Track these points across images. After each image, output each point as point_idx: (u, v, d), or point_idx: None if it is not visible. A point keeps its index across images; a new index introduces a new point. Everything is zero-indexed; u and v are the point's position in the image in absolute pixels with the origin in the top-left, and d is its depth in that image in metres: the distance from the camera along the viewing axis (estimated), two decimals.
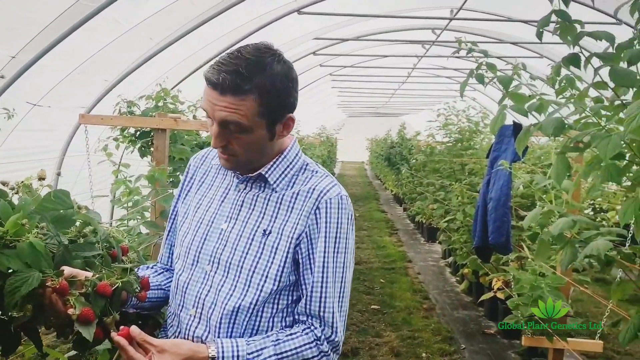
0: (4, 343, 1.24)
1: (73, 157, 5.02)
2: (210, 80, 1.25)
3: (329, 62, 10.65)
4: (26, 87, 3.93)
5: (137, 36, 4.69)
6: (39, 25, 3.65)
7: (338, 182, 1.44)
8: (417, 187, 9.24)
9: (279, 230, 1.36)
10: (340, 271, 1.37)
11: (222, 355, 1.27)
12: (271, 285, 1.35)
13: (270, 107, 1.28)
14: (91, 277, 1.24)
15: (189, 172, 1.58)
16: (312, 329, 1.36)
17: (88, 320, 1.17)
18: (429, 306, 5.65)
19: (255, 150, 1.35)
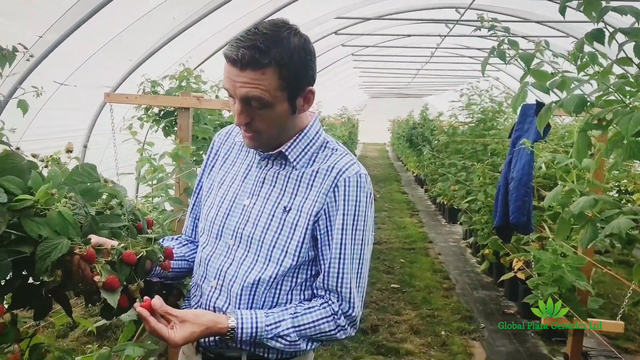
0: (36, 307, 1.29)
1: (99, 135, 5.11)
2: (230, 57, 1.27)
3: (350, 41, 10.58)
4: (53, 66, 4.00)
5: (161, 16, 4.73)
6: (65, 5, 3.70)
7: (357, 161, 1.46)
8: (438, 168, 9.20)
9: (298, 207, 1.39)
10: (358, 248, 1.40)
11: (241, 326, 1.32)
12: (290, 260, 1.38)
13: (290, 80, 1.29)
14: (117, 246, 1.29)
15: (214, 148, 1.61)
16: (329, 303, 1.39)
17: (113, 287, 1.22)
18: (449, 286, 5.67)
19: (278, 126, 1.36)
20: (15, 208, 1.16)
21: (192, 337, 1.29)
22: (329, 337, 1.40)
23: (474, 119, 6.95)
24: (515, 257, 4.70)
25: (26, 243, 1.16)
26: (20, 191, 1.20)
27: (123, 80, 5.13)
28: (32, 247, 1.16)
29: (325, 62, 11.62)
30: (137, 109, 4.56)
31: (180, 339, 1.26)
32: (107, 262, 1.25)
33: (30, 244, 1.16)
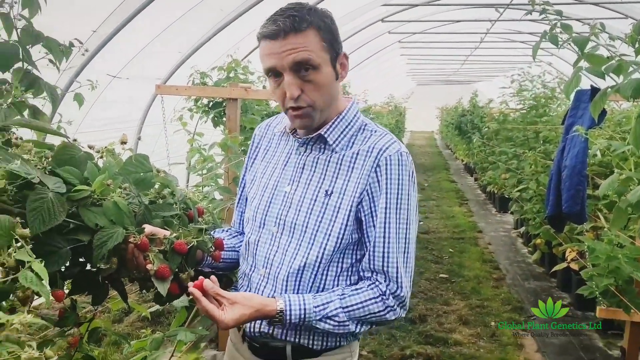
0: (94, 293, 1.35)
1: (150, 126, 5.24)
2: (269, 32, 1.30)
3: (397, 29, 10.44)
4: (106, 59, 4.12)
5: (209, 8, 4.79)
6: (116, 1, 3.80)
7: (398, 140, 1.45)
8: (488, 156, 9.01)
9: (340, 190, 1.40)
10: (403, 227, 1.39)
11: (290, 308, 1.33)
12: (334, 243, 1.38)
13: (329, 41, 1.34)
14: (169, 236, 1.33)
15: (254, 141, 1.64)
16: (377, 284, 1.38)
17: (164, 276, 1.25)
18: (499, 276, 5.57)
19: (327, 94, 1.37)
20: (74, 198, 1.21)
21: (242, 319, 1.30)
22: (378, 318, 1.39)
23: (525, 106, 6.77)
24: (569, 247, 4.57)
25: (84, 232, 1.21)
26: (78, 181, 1.25)
27: (173, 72, 5.24)
28: (89, 235, 1.20)
29: (372, 50, 11.53)
30: (187, 100, 4.65)
31: (231, 320, 1.28)
32: (160, 251, 1.29)
33: (87, 232, 1.21)
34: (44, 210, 1.10)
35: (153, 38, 4.55)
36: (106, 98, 4.50)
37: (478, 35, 11.06)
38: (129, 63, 4.51)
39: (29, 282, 0.86)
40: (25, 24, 1.83)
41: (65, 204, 1.15)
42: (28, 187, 1.14)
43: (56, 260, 1.14)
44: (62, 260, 1.15)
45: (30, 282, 0.86)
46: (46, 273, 0.89)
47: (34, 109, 1.83)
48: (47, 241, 1.14)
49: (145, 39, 4.50)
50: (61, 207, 1.13)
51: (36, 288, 0.85)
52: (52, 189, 1.14)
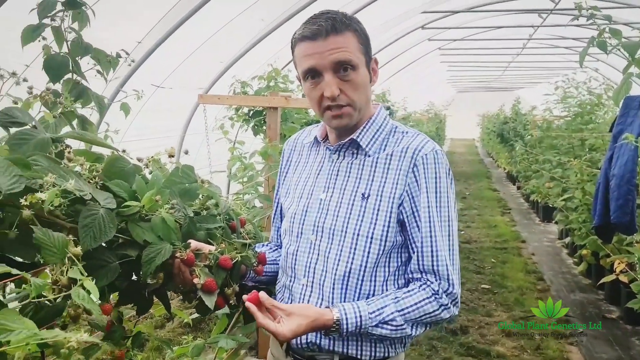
0: (139, 304, 1.37)
1: (193, 135, 5.33)
2: (309, 33, 1.33)
3: (437, 35, 10.35)
4: (151, 70, 4.21)
5: (250, 18, 4.85)
6: (160, 12, 3.88)
7: (431, 139, 1.45)
8: (532, 165, 8.82)
9: (377, 192, 1.40)
10: (446, 225, 1.39)
11: (346, 317, 1.31)
12: (377, 247, 1.38)
13: (364, 44, 1.38)
14: (214, 251, 1.34)
15: (284, 156, 1.66)
16: (428, 284, 1.37)
17: (211, 290, 1.27)
18: (544, 287, 5.43)
19: (364, 94, 1.40)
20: (123, 214, 1.23)
21: (300, 331, 1.29)
22: (434, 317, 1.37)
23: (570, 113, 6.61)
24: (617, 258, 4.42)
25: (132, 247, 1.23)
26: (127, 195, 1.28)
27: (215, 82, 5.32)
28: (137, 250, 1.22)
29: (412, 57, 11.46)
30: (228, 109, 4.72)
31: (289, 332, 1.27)
32: (205, 265, 1.31)
33: (136, 247, 1.23)
34: (95, 227, 1.12)
35: (195, 49, 4.63)
36: (150, 107, 4.59)
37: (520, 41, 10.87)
38: (172, 73, 4.60)
39: (81, 300, 0.87)
40: (74, 36, 1.89)
41: (114, 219, 1.17)
42: (80, 201, 1.16)
43: (105, 275, 1.16)
44: (111, 274, 1.18)
45: (82, 299, 0.88)
46: (97, 290, 0.90)
47: (83, 118, 1.87)
48: (97, 255, 1.17)
49: (187, 50, 4.58)
50: (111, 223, 1.15)
51: (88, 305, 0.87)
52: (103, 205, 1.17)
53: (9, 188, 1.03)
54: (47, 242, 0.98)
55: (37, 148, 1.27)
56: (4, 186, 1.02)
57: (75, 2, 1.87)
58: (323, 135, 1.54)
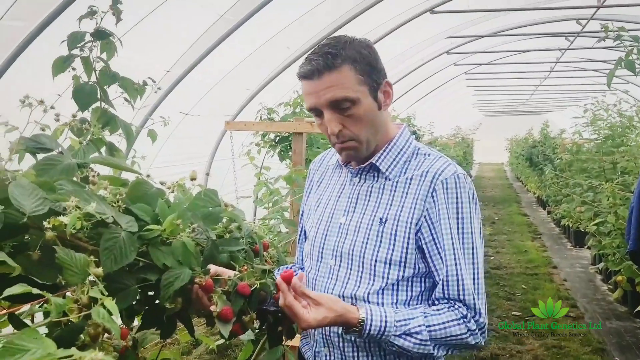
0: (162, 328, 1.37)
1: (220, 161, 5.39)
2: (305, 72, 1.31)
3: (463, 60, 10.36)
4: (179, 98, 4.29)
5: (275, 46, 4.93)
6: (189, 41, 3.97)
7: (454, 162, 1.41)
8: (562, 189, 8.65)
9: (395, 216, 1.36)
10: (469, 252, 1.34)
11: (371, 319, 1.28)
12: (397, 272, 1.35)
13: (366, 72, 1.32)
14: (233, 277, 1.34)
15: (309, 176, 1.65)
16: (456, 307, 1.33)
17: (227, 318, 1.26)
18: (577, 315, 5.27)
19: (369, 125, 1.36)
20: (145, 237, 1.24)
21: (324, 322, 1.27)
22: (459, 340, 1.32)
23: (600, 136, 6.49)
24: None
25: (152, 270, 1.23)
26: (149, 218, 1.29)
27: (242, 109, 5.39)
28: (157, 274, 1.23)
29: (437, 82, 11.47)
30: (255, 136, 4.78)
31: (314, 320, 1.26)
32: (224, 291, 1.30)
33: (155, 271, 1.23)
34: (116, 250, 1.13)
35: (222, 77, 4.71)
36: (178, 134, 4.68)
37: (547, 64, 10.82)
38: (199, 101, 4.68)
39: (101, 318, 0.88)
40: (102, 65, 1.94)
41: (135, 242, 1.17)
42: (103, 224, 1.18)
43: (124, 298, 1.16)
44: (130, 298, 1.18)
45: (102, 318, 0.88)
46: (117, 310, 0.91)
47: (111, 145, 1.91)
48: (117, 279, 1.17)
49: (214, 78, 4.67)
50: (132, 246, 1.16)
51: (108, 324, 0.87)
52: (124, 228, 1.18)
53: (34, 210, 1.05)
54: (69, 262, 0.99)
55: (64, 173, 1.29)
56: (28, 208, 1.04)
57: (103, 33, 1.92)
58: None
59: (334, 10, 5.18)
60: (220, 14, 3.88)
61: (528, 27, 8.27)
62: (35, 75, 2.95)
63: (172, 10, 3.49)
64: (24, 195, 1.07)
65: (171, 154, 4.67)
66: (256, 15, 4.06)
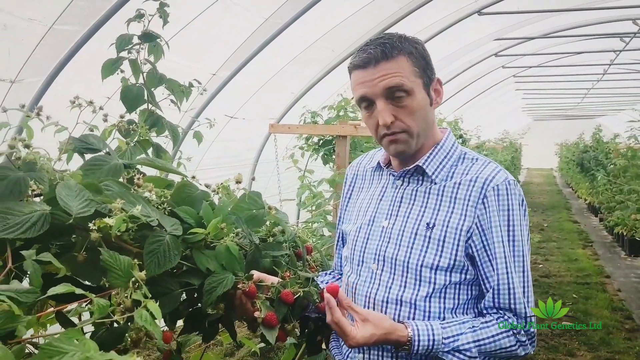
0: (204, 332, 1.36)
1: (265, 163, 5.41)
2: (360, 62, 1.30)
3: (511, 63, 10.11)
4: (224, 101, 4.33)
5: (320, 49, 4.92)
6: (234, 45, 4.00)
7: (503, 168, 1.37)
8: (615, 195, 8.34)
9: (444, 222, 1.32)
10: (520, 260, 1.31)
11: (418, 337, 1.25)
12: (444, 278, 1.31)
13: (421, 66, 1.31)
14: (276, 284, 1.31)
15: (347, 181, 1.62)
16: (506, 318, 1.30)
17: (271, 324, 1.24)
18: (632, 327, 5.05)
19: (422, 119, 1.33)
20: (189, 241, 1.24)
21: (371, 340, 1.25)
22: (509, 353, 1.30)
23: None
24: None
25: (195, 275, 1.23)
26: (193, 221, 1.28)
27: (286, 112, 5.40)
28: (200, 279, 1.22)
29: (485, 85, 11.24)
30: (298, 139, 4.78)
31: (362, 338, 1.24)
32: (267, 298, 1.28)
33: (199, 276, 1.22)
34: (160, 253, 1.12)
35: (267, 80, 4.72)
36: (224, 137, 4.71)
37: (601, 66, 10.46)
38: (245, 104, 4.71)
39: (144, 321, 0.87)
40: (150, 68, 1.96)
41: (179, 246, 1.17)
42: (148, 227, 1.18)
43: (167, 302, 1.16)
44: (173, 302, 1.17)
45: (145, 321, 0.87)
46: (160, 313, 0.89)
47: (158, 146, 1.92)
48: (160, 282, 1.17)
49: (260, 81, 4.68)
50: (176, 250, 1.15)
51: (150, 328, 0.86)
52: (169, 232, 1.17)
53: (80, 211, 1.05)
54: (113, 264, 0.99)
55: (110, 174, 1.30)
56: (74, 209, 1.04)
57: (151, 35, 1.94)
58: (386, 161, 1.48)
59: (379, 12, 5.12)
60: (266, 17, 3.88)
61: (581, 28, 7.99)
62: (86, 78, 3.02)
63: (218, 14, 3.52)
64: (70, 196, 1.07)
65: (217, 156, 4.72)
66: (301, 18, 4.06)
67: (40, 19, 2.54)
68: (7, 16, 2.42)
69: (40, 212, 1.01)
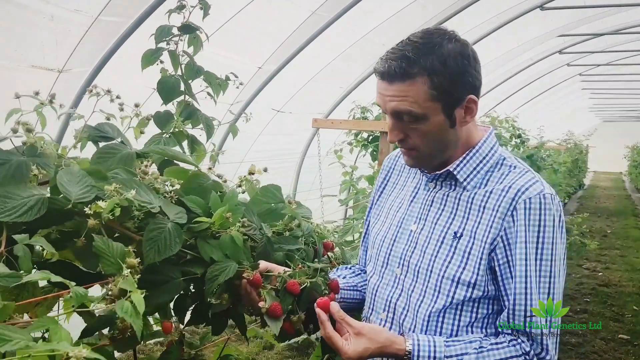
0: (213, 324, 1.34)
1: (312, 157, 5.39)
2: (378, 71, 1.21)
3: (578, 60, 9.67)
4: (271, 95, 4.33)
5: (369, 43, 4.84)
6: (279, 38, 3.99)
7: (541, 179, 1.25)
8: None
9: (471, 233, 1.23)
10: (545, 282, 1.19)
11: (418, 352, 1.18)
12: (463, 292, 1.22)
13: (444, 88, 1.17)
14: (283, 274, 1.28)
15: (383, 173, 1.53)
16: (519, 342, 1.20)
17: (276, 314, 1.20)
18: None
19: (436, 141, 1.23)
20: (194, 230, 1.22)
21: (366, 354, 1.19)
22: None
23: None
24: None
25: (199, 264, 1.21)
26: (201, 211, 1.26)
27: (335, 107, 5.36)
28: (203, 268, 1.20)
29: (548, 84, 10.82)
30: (347, 134, 4.73)
31: (354, 353, 1.18)
32: (273, 288, 1.25)
33: (202, 265, 1.20)
34: (160, 241, 1.11)
35: (314, 74, 4.69)
36: (271, 131, 4.73)
37: None
38: (291, 98, 4.70)
39: (123, 312, 0.85)
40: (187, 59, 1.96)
41: (181, 234, 1.15)
42: (154, 216, 1.16)
43: (168, 291, 1.15)
44: (174, 291, 1.16)
45: (125, 312, 0.85)
46: (143, 305, 0.87)
47: (192, 138, 1.92)
48: (162, 270, 1.15)
49: (307, 75, 4.66)
50: (177, 238, 1.13)
51: (130, 319, 0.84)
52: (172, 219, 1.16)
53: (79, 197, 1.05)
54: (105, 251, 0.98)
55: (122, 162, 1.30)
56: (73, 195, 1.04)
57: (190, 27, 1.94)
58: None
59: (433, 5, 5.00)
60: (313, 10, 3.85)
61: None
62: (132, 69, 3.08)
63: (263, 7, 3.51)
64: (72, 182, 1.07)
65: (263, 150, 4.74)
66: (350, 11, 4.00)
67: (85, 10, 2.61)
68: (54, 7, 2.49)
69: (38, 196, 1.01)
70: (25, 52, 2.57)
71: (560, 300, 1.22)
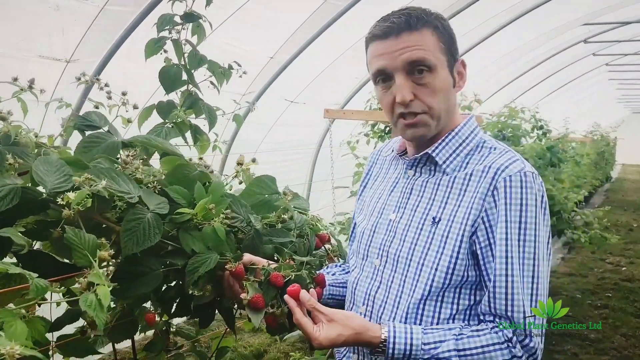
0: (199, 317, 1.32)
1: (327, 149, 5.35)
2: (380, 32, 1.18)
3: (604, 50, 9.41)
4: (284, 85, 4.29)
5: None
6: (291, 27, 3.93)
7: (522, 158, 1.20)
8: None
9: (449, 217, 1.18)
10: (529, 263, 1.13)
11: (393, 340, 1.14)
12: (442, 280, 1.17)
13: (446, 43, 1.20)
14: (267, 267, 1.25)
15: (366, 169, 1.50)
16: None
17: (257, 306, 1.17)
18: None
19: (443, 99, 1.20)
20: (176, 221, 1.19)
21: (339, 341, 1.15)
22: None
23: None
24: None
25: (180, 255, 1.19)
26: (185, 202, 1.24)
27: (351, 97, 5.30)
28: (185, 260, 1.18)
29: (573, 74, 10.56)
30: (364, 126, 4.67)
31: (325, 339, 1.14)
32: (256, 281, 1.22)
33: (183, 256, 1.18)
34: (139, 231, 1.09)
35: (327, 65, 4.63)
36: (284, 121, 4.69)
37: None
38: (305, 89, 4.66)
39: (86, 306, 0.83)
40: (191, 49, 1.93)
41: (161, 225, 1.13)
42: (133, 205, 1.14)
43: (147, 282, 1.13)
44: (153, 282, 1.14)
45: (89, 306, 0.83)
46: (108, 298, 0.85)
47: (195, 128, 1.90)
48: (143, 262, 1.14)
49: (321, 65, 4.60)
50: (157, 229, 1.11)
51: (93, 313, 0.82)
52: (152, 210, 1.13)
53: (55, 187, 1.03)
54: (77, 242, 0.96)
55: (107, 151, 1.28)
56: (49, 184, 1.03)
57: (193, 15, 1.91)
58: (402, 148, 1.36)
59: None
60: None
61: None
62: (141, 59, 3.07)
63: None
64: (49, 171, 1.06)
65: (276, 140, 4.71)
66: None
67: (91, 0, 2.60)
68: None
69: (10, 186, 1.00)
70: (32, 42, 2.57)
71: (546, 285, 1.17)
